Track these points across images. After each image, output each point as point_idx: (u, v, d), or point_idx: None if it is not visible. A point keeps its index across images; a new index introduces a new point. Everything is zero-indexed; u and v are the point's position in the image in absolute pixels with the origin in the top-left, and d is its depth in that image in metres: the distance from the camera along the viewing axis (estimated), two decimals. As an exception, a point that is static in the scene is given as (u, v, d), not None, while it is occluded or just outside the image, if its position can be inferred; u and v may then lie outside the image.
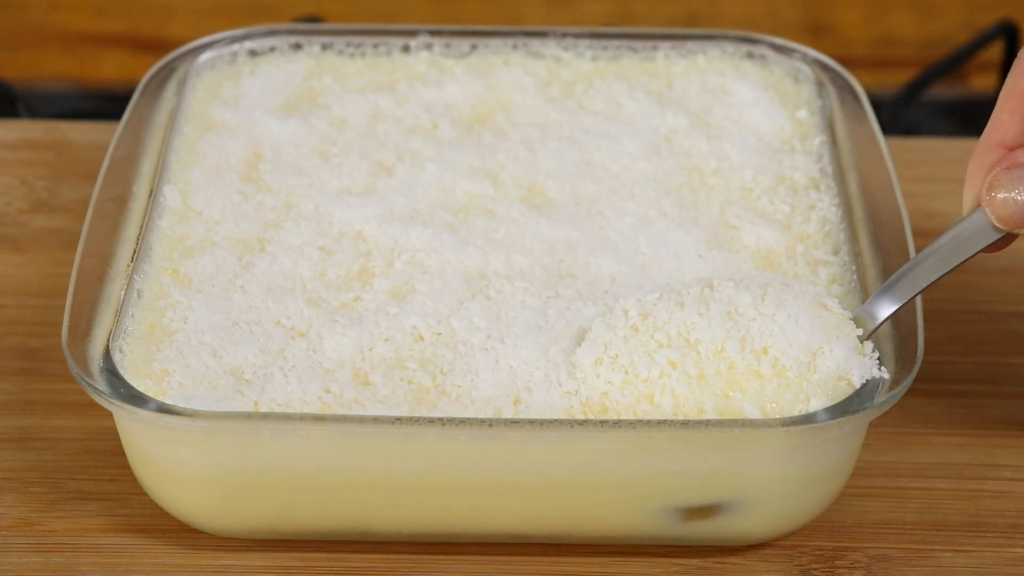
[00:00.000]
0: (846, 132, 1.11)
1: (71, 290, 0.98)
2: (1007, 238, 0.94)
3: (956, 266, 0.94)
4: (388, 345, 0.97)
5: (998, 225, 0.92)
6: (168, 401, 0.93)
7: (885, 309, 0.95)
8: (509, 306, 0.99)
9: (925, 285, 0.95)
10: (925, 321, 0.97)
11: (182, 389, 0.95)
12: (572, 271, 1.02)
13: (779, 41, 1.19)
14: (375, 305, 1.00)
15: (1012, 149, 0.93)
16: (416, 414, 0.93)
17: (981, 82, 1.50)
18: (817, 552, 0.98)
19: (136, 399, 0.93)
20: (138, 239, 1.02)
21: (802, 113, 1.14)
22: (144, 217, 1.04)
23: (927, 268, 0.95)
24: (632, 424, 0.91)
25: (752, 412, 0.92)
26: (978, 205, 0.93)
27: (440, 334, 0.98)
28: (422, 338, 0.98)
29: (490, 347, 0.97)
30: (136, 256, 1.01)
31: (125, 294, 0.99)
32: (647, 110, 1.14)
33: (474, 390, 0.95)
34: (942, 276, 0.94)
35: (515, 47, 1.19)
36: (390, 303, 1.00)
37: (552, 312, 0.98)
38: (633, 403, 0.93)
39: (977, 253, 0.94)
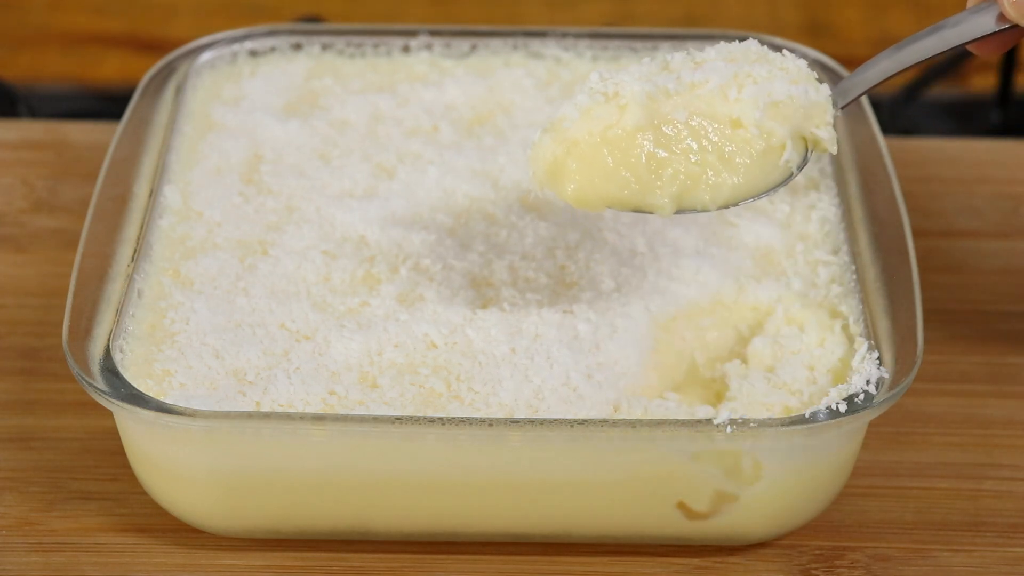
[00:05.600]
0: (846, 132, 1.11)
1: (71, 290, 0.98)
2: (1004, 39, 0.93)
3: (951, 48, 0.93)
4: (398, 351, 0.97)
5: (1009, 12, 0.91)
6: (169, 401, 0.93)
7: (873, 77, 0.96)
8: (528, 321, 0.99)
9: (915, 62, 0.94)
10: (925, 321, 0.97)
11: (183, 389, 0.95)
12: (575, 278, 1.02)
13: (779, 41, 1.19)
14: (383, 311, 1.00)
15: None
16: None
17: (981, 82, 1.50)
18: (817, 552, 0.98)
19: (136, 399, 0.93)
20: (138, 239, 1.03)
21: (802, 113, 1.14)
22: (144, 217, 1.04)
23: (921, 46, 0.94)
24: (631, 423, 0.92)
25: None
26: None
27: (456, 343, 0.98)
28: (435, 345, 0.98)
29: (517, 362, 0.97)
30: (136, 256, 1.01)
31: (125, 294, 0.99)
32: (647, 110, 1.14)
33: (492, 396, 0.95)
34: (934, 56, 0.94)
35: (515, 47, 1.19)
36: (399, 309, 1.00)
37: (569, 328, 0.99)
38: None
39: (976, 40, 0.93)
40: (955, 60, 1.45)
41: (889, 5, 1.58)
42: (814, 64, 1.17)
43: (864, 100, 1.13)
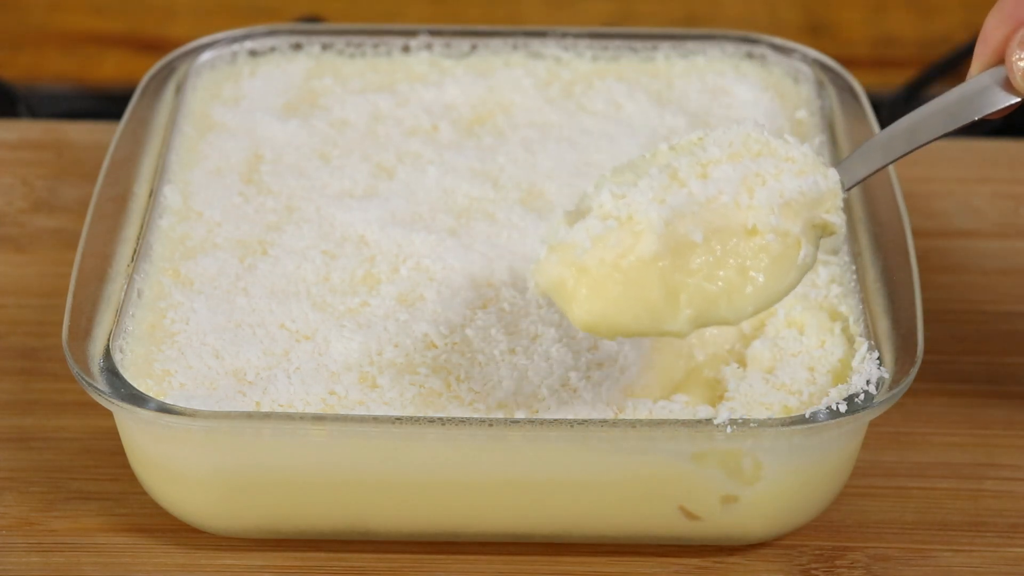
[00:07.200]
0: (846, 132, 1.11)
1: (71, 290, 0.98)
2: (1009, 106, 0.89)
3: (959, 127, 0.90)
4: (398, 351, 0.97)
5: (1021, 86, 0.88)
6: (169, 401, 0.93)
7: (877, 161, 0.92)
8: (528, 320, 0.99)
9: (924, 142, 0.91)
10: (925, 321, 0.97)
11: (183, 389, 0.95)
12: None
13: (779, 41, 1.19)
14: (383, 311, 1.00)
15: None
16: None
17: (981, 82, 1.50)
18: (817, 552, 0.98)
19: (136, 399, 0.93)
20: (138, 239, 1.03)
21: (801, 113, 1.14)
22: (144, 217, 1.04)
23: (930, 124, 0.91)
24: (631, 423, 0.92)
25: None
26: (992, 65, 0.90)
27: (456, 343, 0.98)
28: (435, 345, 0.98)
29: (517, 362, 0.96)
30: (136, 256, 1.01)
31: (125, 294, 0.99)
32: (646, 111, 1.14)
33: (492, 396, 0.95)
34: (942, 136, 0.90)
35: (515, 47, 1.19)
36: (399, 309, 1.00)
37: (568, 328, 0.98)
38: None
39: (984, 117, 0.90)
40: (955, 60, 1.45)
41: (889, 5, 1.58)
42: (814, 64, 1.17)
43: (864, 100, 1.13)
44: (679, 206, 0.89)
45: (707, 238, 0.89)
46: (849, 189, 0.92)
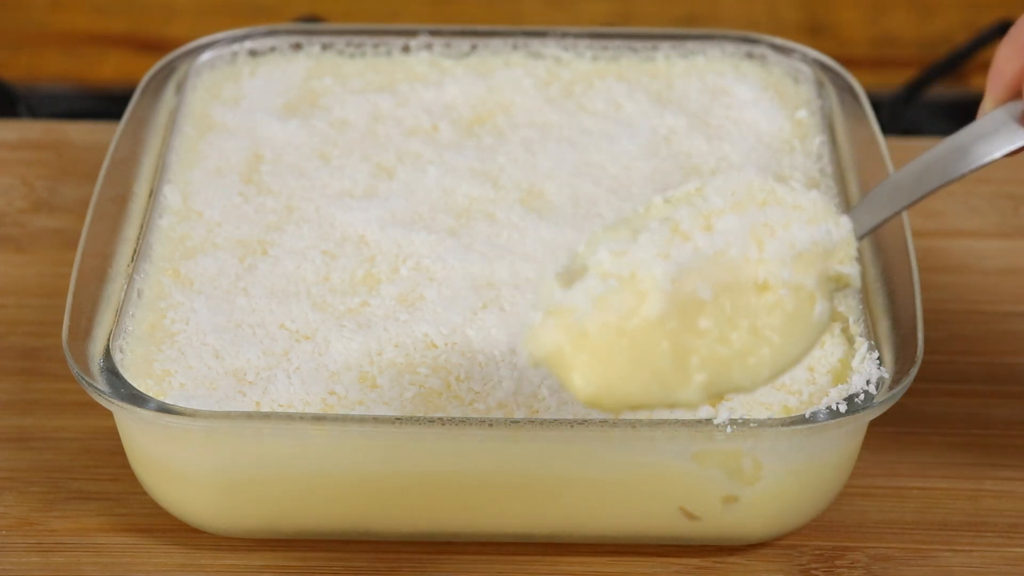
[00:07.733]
0: (846, 132, 1.11)
1: (71, 290, 0.98)
2: None
3: (978, 167, 0.86)
4: (398, 351, 0.97)
5: None
6: (169, 401, 0.93)
7: (886, 210, 0.88)
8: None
9: (937, 186, 0.87)
10: (925, 321, 0.97)
11: (183, 389, 0.95)
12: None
13: (779, 41, 1.19)
14: (383, 311, 1.00)
15: None
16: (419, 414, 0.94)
17: (981, 82, 1.49)
18: (817, 552, 0.98)
19: (136, 399, 0.93)
20: (138, 239, 1.03)
21: (802, 113, 1.14)
22: (144, 217, 1.04)
23: (943, 167, 0.87)
24: (631, 423, 0.91)
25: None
26: (1007, 100, 0.87)
27: (456, 343, 0.98)
28: (435, 345, 0.98)
29: (517, 362, 0.96)
30: (136, 256, 1.01)
31: (125, 294, 0.99)
32: (646, 111, 1.15)
33: (491, 396, 0.95)
34: (960, 177, 0.86)
35: (515, 47, 1.19)
36: (399, 309, 1.00)
37: None
38: None
39: (1002, 156, 0.86)
40: (955, 60, 1.45)
41: (889, 5, 1.58)
42: (814, 64, 1.17)
43: (864, 100, 1.13)
44: (685, 262, 0.83)
45: (716, 296, 0.83)
46: (861, 238, 0.89)
